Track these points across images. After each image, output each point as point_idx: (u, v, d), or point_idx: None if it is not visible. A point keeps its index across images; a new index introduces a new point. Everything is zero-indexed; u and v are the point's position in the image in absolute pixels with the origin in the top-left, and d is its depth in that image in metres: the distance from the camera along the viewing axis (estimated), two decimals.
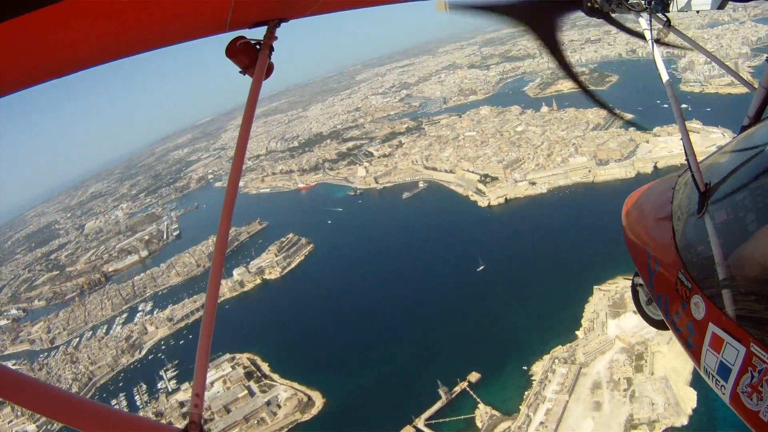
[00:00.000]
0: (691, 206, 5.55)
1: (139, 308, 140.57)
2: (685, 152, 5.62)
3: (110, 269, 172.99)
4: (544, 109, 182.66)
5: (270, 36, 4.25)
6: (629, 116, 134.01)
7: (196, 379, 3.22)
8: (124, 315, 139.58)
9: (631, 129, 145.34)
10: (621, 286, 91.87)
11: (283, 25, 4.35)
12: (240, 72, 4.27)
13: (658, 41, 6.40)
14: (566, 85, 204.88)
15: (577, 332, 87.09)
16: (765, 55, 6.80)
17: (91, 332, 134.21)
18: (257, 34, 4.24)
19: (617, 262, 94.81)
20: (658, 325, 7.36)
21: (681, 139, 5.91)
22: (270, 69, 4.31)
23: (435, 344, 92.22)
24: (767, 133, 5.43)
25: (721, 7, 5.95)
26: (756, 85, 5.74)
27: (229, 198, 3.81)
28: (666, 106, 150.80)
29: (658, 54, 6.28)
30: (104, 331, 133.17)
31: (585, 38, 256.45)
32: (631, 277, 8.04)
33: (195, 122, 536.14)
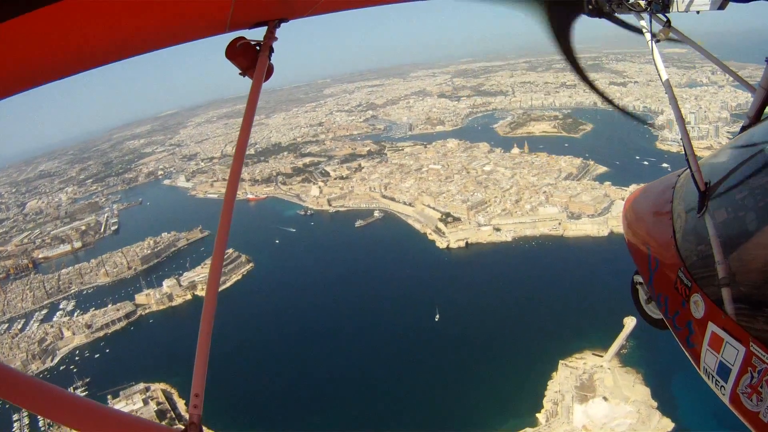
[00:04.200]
0: (691, 205, 5.60)
1: (61, 306, 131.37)
2: (685, 152, 5.57)
3: (40, 256, 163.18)
4: (515, 150, 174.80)
5: (270, 36, 4.27)
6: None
7: (196, 379, 3.33)
8: (44, 311, 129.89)
9: (606, 183, 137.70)
10: (590, 364, 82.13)
11: (283, 25, 4.35)
12: (240, 73, 4.30)
13: (657, 41, 6.23)
14: (538, 128, 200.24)
15: (538, 415, 75.68)
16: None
17: (6, 325, 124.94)
18: (257, 34, 4.26)
19: (585, 334, 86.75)
20: (658, 324, 7.25)
21: (681, 139, 5.90)
22: (270, 70, 4.35)
23: (374, 409, 79.00)
24: (767, 133, 5.48)
25: (721, 7, 5.86)
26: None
27: (229, 198, 3.98)
28: (646, 163, 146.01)
29: (658, 55, 6.14)
30: (20, 326, 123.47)
31: (560, 82, 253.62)
32: (631, 278, 7.84)
33: (158, 113, 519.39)
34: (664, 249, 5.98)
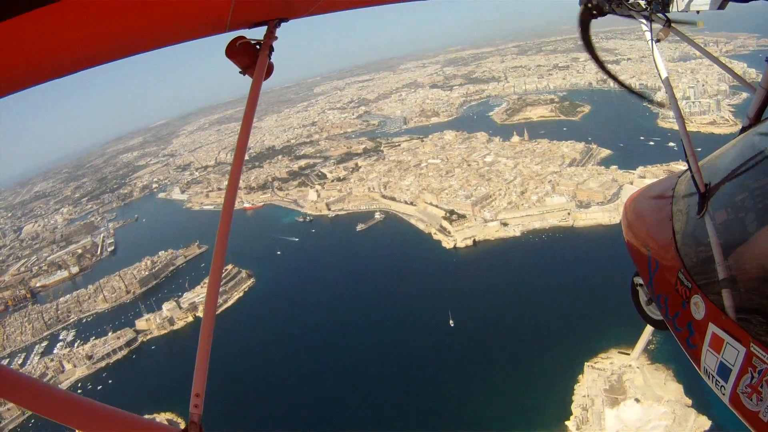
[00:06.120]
0: (690, 206, 5.63)
1: (61, 337, 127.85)
2: (685, 152, 5.59)
3: (38, 284, 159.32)
4: (515, 138, 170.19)
5: (270, 36, 4.32)
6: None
7: (196, 379, 3.31)
8: (44, 344, 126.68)
9: (612, 167, 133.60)
10: (617, 364, 77.83)
11: (283, 25, 4.41)
12: (240, 72, 4.36)
13: (657, 41, 6.24)
14: (535, 113, 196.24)
15: (567, 422, 71.38)
16: (766, 58, 6.14)
17: (7, 360, 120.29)
18: (257, 34, 4.31)
19: (608, 331, 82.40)
20: (658, 325, 7.29)
21: (680, 138, 5.90)
22: (270, 69, 4.41)
23: (393, 420, 74.92)
24: (767, 133, 5.48)
25: (721, 7, 5.85)
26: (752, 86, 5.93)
27: (229, 199, 3.95)
28: (651, 143, 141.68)
29: (659, 55, 6.16)
30: (20, 361, 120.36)
31: (553, 64, 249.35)
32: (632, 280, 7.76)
33: (149, 124, 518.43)
34: (664, 250, 5.93)
